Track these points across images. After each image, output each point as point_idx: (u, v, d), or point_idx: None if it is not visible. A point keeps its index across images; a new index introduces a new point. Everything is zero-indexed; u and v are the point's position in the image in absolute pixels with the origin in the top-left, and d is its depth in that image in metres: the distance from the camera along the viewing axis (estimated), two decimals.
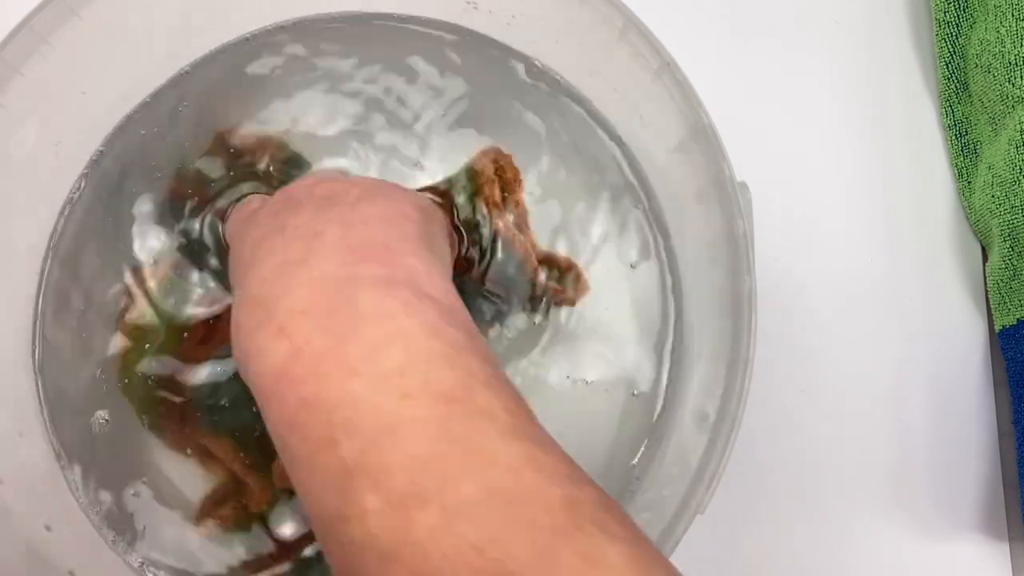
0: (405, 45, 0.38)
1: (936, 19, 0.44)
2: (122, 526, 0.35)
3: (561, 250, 0.37)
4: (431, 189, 0.37)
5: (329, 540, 0.23)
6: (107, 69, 0.35)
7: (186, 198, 0.36)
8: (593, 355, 0.37)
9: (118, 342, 0.35)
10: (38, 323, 0.36)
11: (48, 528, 0.33)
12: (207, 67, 0.38)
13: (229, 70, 0.38)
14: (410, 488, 0.21)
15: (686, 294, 0.37)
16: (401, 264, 0.26)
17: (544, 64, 0.38)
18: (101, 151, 0.37)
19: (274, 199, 0.31)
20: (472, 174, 0.37)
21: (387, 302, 0.24)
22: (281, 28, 0.38)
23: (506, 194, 0.37)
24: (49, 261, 0.36)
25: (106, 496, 0.35)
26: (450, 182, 0.37)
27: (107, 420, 0.35)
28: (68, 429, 0.35)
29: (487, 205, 0.37)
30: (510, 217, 0.37)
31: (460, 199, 0.37)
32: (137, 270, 0.36)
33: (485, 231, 0.36)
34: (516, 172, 0.37)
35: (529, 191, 0.38)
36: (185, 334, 0.35)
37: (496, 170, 0.37)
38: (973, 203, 0.43)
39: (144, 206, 0.36)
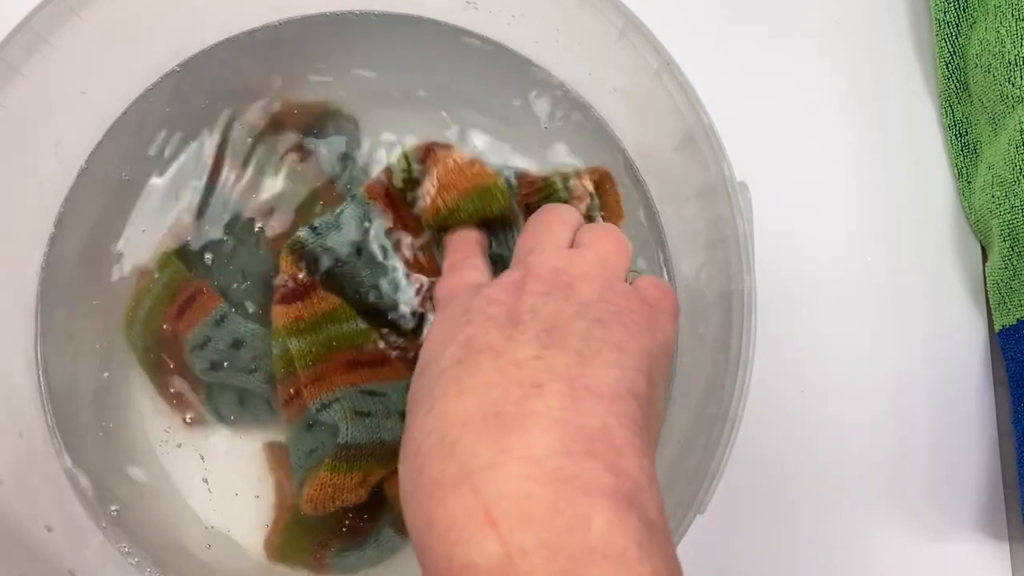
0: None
1: (936, 19, 0.44)
2: (122, 523, 0.35)
3: None
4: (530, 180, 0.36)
5: None
6: (107, 69, 0.35)
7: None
8: None
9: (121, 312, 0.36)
10: (39, 324, 0.36)
11: (48, 528, 0.33)
12: (209, 63, 0.38)
13: (230, 66, 0.38)
14: None
15: (686, 294, 0.37)
16: (626, 471, 0.22)
17: (544, 63, 0.38)
18: (103, 143, 0.37)
19: (498, 294, 0.27)
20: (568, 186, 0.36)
21: (618, 537, 0.21)
22: (280, 26, 0.38)
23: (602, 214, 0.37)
24: (50, 262, 0.36)
25: (106, 494, 0.35)
26: (549, 184, 0.36)
27: (109, 419, 0.35)
28: (69, 428, 0.35)
29: None
30: None
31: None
32: (137, 267, 0.36)
33: None
34: (618, 197, 0.37)
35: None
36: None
37: (596, 188, 0.36)
38: (973, 203, 0.43)
39: (149, 201, 0.37)
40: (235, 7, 0.37)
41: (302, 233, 0.34)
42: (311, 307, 0.34)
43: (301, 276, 0.34)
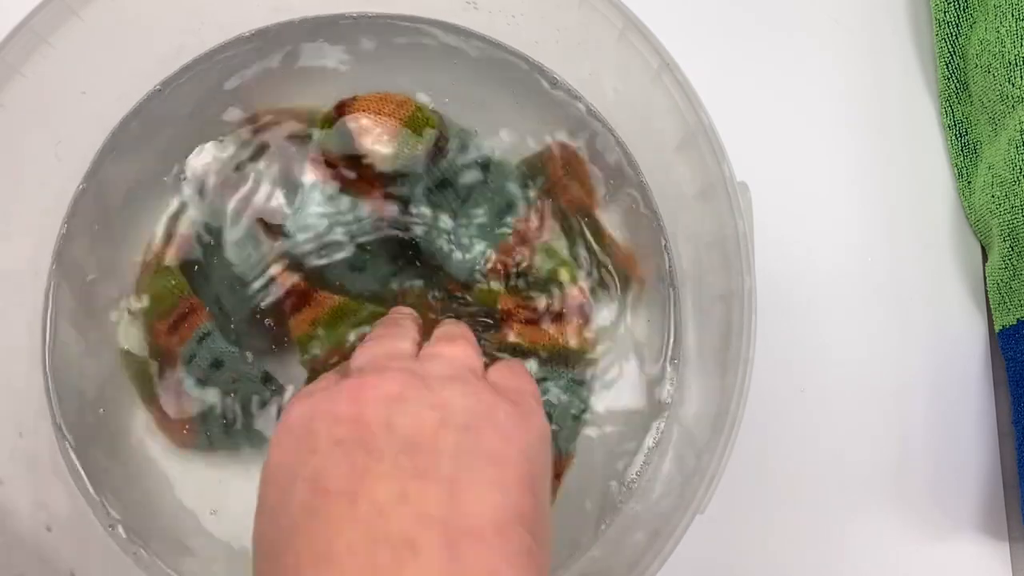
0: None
1: (936, 19, 0.44)
2: (122, 522, 0.35)
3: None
4: None
5: None
6: (107, 69, 0.35)
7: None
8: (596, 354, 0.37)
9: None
10: (44, 324, 0.36)
11: (48, 528, 0.33)
12: (207, 65, 0.38)
13: (231, 67, 0.38)
14: None
15: (686, 294, 0.37)
16: None
17: (544, 63, 0.38)
18: (103, 147, 0.37)
19: (341, 406, 0.23)
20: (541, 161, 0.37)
21: None
22: (279, 27, 0.38)
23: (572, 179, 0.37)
24: (54, 262, 0.36)
25: (107, 495, 0.35)
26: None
27: (111, 419, 0.35)
28: (71, 429, 0.35)
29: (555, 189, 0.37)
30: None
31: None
32: (137, 267, 0.36)
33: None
34: (586, 173, 0.37)
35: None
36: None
37: (565, 166, 0.37)
38: (973, 203, 0.43)
39: (148, 203, 0.37)
40: (235, 8, 0.37)
41: (281, 241, 0.35)
42: (317, 309, 0.35)
43: (297, 282, 0.35)
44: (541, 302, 0.36)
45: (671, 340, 0.37)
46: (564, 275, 0.36)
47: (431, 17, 0.38)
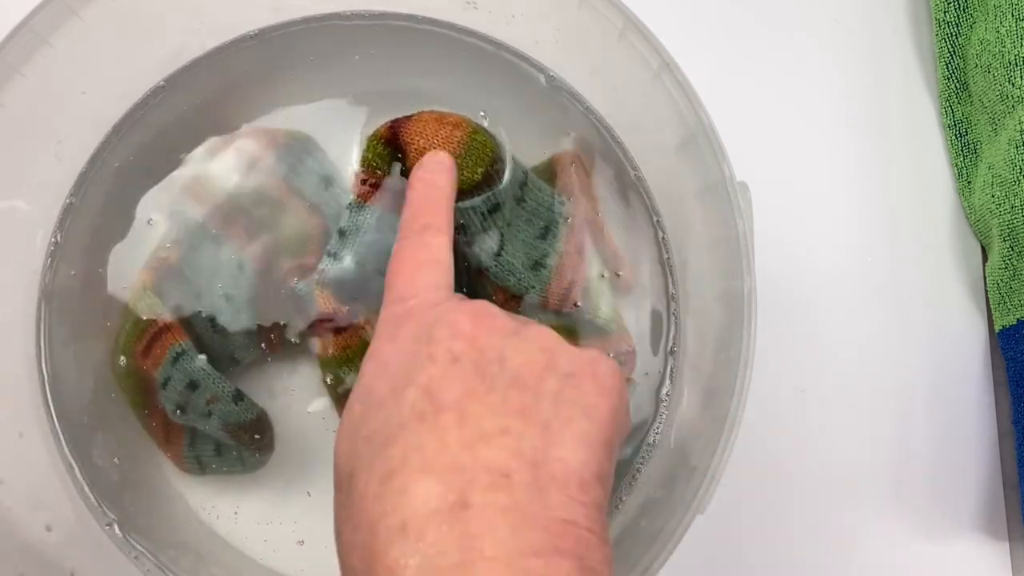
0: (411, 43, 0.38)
1: (936, 19, 0.44)
2: (122, 522, 0.35)
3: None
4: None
5: None
6: (107, 69, 0.35)
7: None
8: None
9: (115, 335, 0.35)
10: (41, 324, 0.36)
11: (48, 528, 0.33)
12: (206, 66, 0.38)
13: (232, 69, 0.38)
14: None
15: (686, 294, 0.37)
16: (592, 566, 0.22)
17: (544, 63, 0.38)
18: (101, 150, 0.37)
19: (463, 321, 0.26)
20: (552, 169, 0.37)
21: None
22: (280, 27, 0.38)
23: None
24: (52, 261, 0.36)
25: (106, 494, 0.35)
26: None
27: (110, 419, 0.35)
28: (70, 428, 0.35)
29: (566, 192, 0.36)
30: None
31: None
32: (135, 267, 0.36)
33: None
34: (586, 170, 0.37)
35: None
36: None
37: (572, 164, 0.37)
38: (973, 203, 0.43)
39: (145, 203, 0.36)
40: (235, 9, 0.37)
41: (325, 264, 0.34)
42: (357, 334, 0.34)
43: (343, 308, 0.34)
44: (594, 343, 0.36)
45: (671, 340, 0.37)
46: (613, 326, 0.36)
47: (431, 16, 0.38)
